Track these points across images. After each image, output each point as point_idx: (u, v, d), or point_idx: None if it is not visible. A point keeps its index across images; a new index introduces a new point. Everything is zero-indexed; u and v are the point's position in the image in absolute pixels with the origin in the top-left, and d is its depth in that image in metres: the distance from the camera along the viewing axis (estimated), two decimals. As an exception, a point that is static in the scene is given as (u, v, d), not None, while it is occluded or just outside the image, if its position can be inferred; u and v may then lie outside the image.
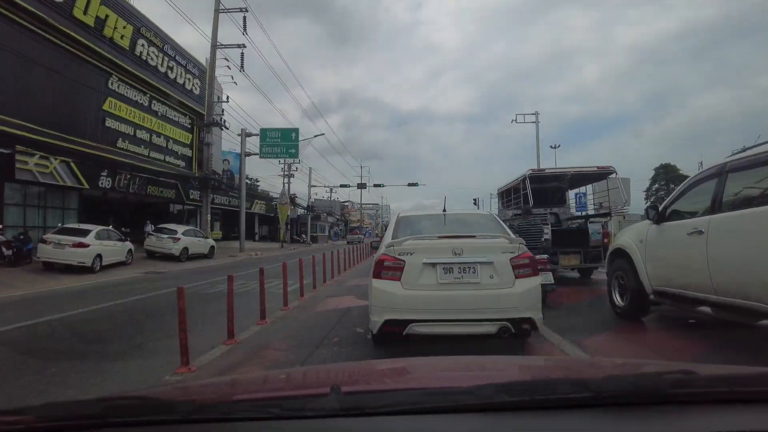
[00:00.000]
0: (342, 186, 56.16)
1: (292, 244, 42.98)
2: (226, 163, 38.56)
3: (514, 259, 4.45)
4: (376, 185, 55.76)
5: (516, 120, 38.97)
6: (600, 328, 5.87)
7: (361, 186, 56.01)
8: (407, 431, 0.92)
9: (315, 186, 55.29)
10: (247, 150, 30.29)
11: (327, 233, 62.61)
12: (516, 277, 4.40)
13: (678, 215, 5.20)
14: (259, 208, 42.70)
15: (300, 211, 51.42)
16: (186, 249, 20.13)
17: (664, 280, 5.35)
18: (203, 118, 27.88)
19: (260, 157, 30.50)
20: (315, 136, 46.51)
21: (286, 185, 45.07)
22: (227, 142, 33.17)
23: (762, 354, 4.52)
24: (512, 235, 4.80)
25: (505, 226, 5.30)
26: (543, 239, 8.96)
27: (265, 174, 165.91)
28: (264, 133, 29.90)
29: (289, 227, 46.02)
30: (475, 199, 37.17)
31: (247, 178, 55.57)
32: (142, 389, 1.72)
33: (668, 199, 5.50)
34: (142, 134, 25.08)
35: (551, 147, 52.09)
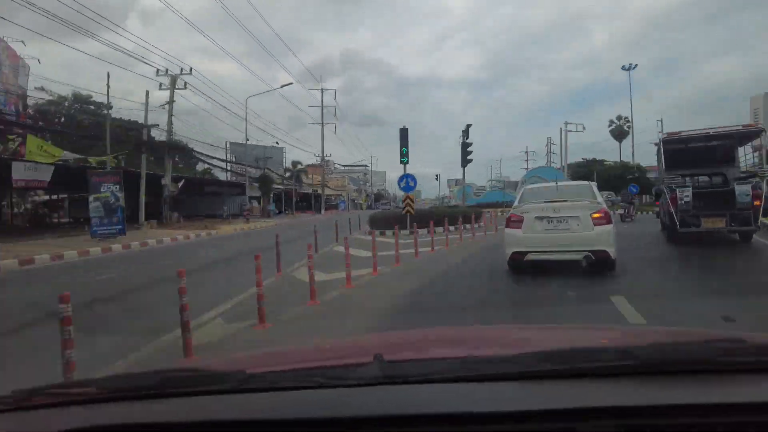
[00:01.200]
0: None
1: None
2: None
3: (593, 213, 7.41)
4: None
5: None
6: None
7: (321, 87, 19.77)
8: (449, 398, 0.94)
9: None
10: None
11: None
12: (594, 225, 7.35)
13: None
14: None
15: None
16: None
17: None
18: None
19: None
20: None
21: None
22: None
23: None
24: (597, 199, 7.83)
25: (596, 191, 8.23)
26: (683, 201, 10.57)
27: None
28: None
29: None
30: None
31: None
32: (198, 361, 1.80)
33: None
34: None
35: (623, 68, 48.90)
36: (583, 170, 49.67)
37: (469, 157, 24.83)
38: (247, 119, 35.09)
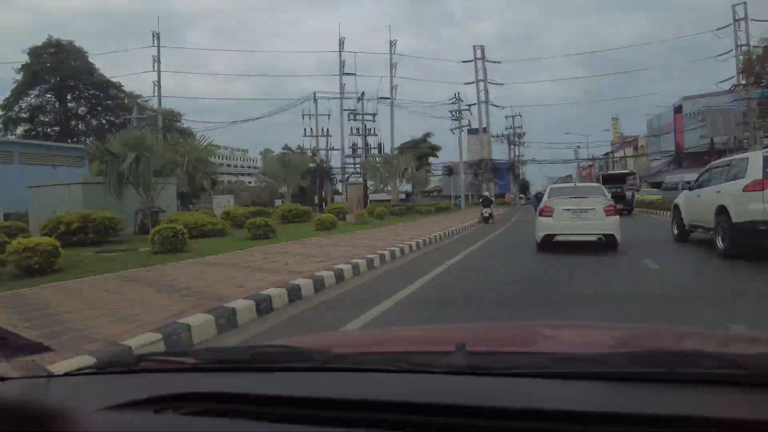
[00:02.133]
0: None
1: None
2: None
3: (605, 207, 10.00)
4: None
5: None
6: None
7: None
8: (533, 393, 0.91)
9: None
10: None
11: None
12: (606, 215, 9.90)
13: (696, 187, 10.61)
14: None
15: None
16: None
17: (690, 219, 10.76)
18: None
19: None
20: None
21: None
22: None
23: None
24: (606, 196, 10.83)
25: (605, 190, 11.60)
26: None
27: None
28: None
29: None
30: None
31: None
32: (286, 338, 1.83)
33: (695, 181, 11.01)
34: None
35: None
36: None
37: None
38: None
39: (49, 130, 45.40)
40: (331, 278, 7.27)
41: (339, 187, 51.71)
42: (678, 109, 49.08)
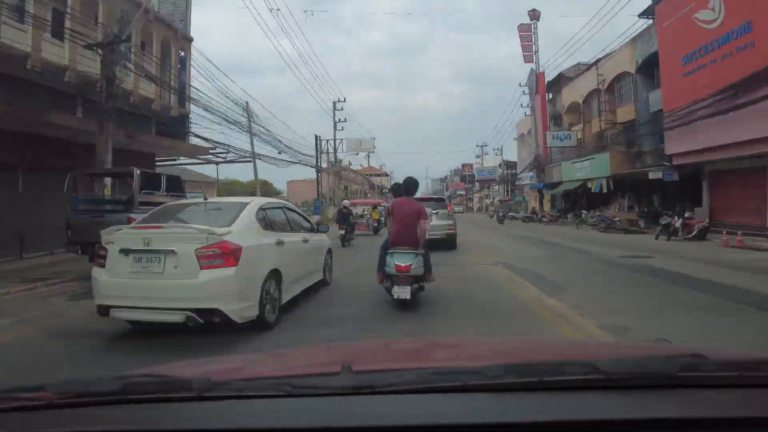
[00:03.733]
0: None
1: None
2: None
3: (201, 249, 4.56)
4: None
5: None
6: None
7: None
8: (417, 409, 0.93)
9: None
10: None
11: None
12: (201, 267, 4.53)
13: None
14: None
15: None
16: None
17: None
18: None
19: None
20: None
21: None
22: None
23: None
24: (230, 226, 4.97)
25: (250, 214, 5.47)
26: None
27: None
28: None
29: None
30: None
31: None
32: (160, 366, 1.56)
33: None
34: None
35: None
36: None
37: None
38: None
39: None
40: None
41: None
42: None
